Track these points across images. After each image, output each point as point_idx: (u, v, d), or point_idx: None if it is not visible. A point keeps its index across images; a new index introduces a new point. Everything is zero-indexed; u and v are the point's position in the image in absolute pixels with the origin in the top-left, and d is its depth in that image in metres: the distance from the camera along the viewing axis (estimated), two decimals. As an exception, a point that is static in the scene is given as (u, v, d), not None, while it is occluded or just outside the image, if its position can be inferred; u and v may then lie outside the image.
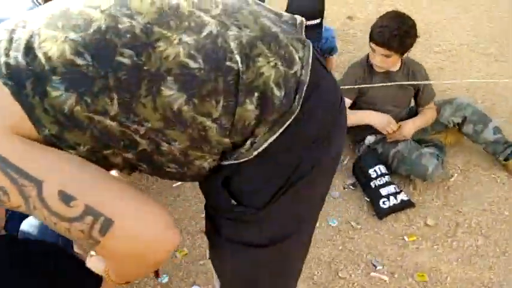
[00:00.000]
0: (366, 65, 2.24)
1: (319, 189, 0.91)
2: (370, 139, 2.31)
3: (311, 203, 0.91)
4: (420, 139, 2.37)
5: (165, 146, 0.71)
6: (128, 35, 0.66)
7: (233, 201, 0.79)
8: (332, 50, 2.55)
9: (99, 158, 0.71)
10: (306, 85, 0.76)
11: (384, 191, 2.09)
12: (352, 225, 2.02)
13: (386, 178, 2.12)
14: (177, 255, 1.87)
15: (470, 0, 4.10)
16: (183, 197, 2.16)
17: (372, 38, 2.09)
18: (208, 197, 0.86)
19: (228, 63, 0.70)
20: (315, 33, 2.23)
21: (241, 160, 0.75)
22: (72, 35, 0.65)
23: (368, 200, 2.13)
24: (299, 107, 0.75)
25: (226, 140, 0.73)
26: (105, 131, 0.67)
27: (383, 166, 2.17)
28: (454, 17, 3.86)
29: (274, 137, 0.74)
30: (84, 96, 0.65)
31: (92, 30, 0.66)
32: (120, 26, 0.67)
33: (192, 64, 0.68)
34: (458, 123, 2.30)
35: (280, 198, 0.79)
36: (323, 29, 2.41)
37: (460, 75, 3.05)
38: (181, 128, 0.69)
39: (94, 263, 0.94)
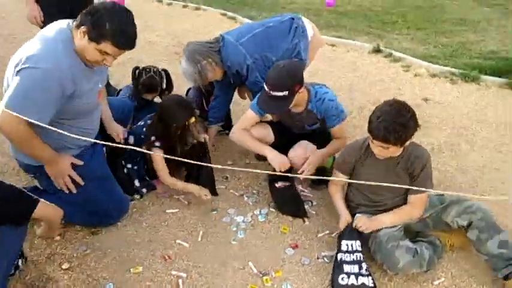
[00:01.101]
0: (366, 145, 2.17)
1: None
2: (358, 216, 2.22)
3: None
4: (418, 232, 2.21)
5: None
6: None
7: None
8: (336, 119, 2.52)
9: None
10: None
11: (346, 268, 1.98)
12: (302, 296, 1.96)
13: (356, 256, 2.01)
14: (131, 270, 2.05)
15: None
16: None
17: (368, 130, 1.98)
18: None
19: None
20: (279, 103, 2.30)
21: None
22: None
23: (332, 274, 2.04)
24: None
25: None
26: None
27: (359, 244, 2.06)
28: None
29: None
30: None
31: None
32: None
33: None
34: (463, 226, 2.09)
35: None
36: (323, 99, 2.48)
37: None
38: None
39: None
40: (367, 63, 4.83)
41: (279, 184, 2.48)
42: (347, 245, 2.06)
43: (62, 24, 2.02)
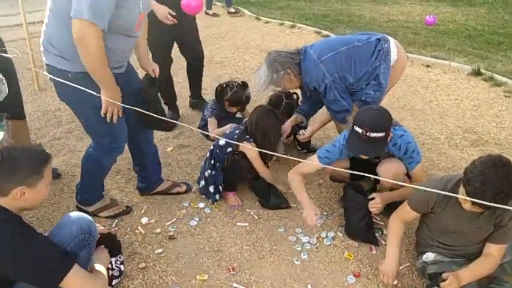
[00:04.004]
0: (449, 188, 1.96)
1: None
2: (428, 256, 2.13)
3: None
4: (494, 277, 2.04)
5: None
6: None
7: None
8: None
9: None
10: None
11: None
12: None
13: None
14: (197, 277, 2.20)
15: None
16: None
17: (468, 193, 1.75)
18: None
19: None
20: (377, 145, 2.21)
21: None
22: None
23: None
24: None
25: None
26: None
27: None
28: None
29: None
30: None
31: None
32: None
33: None
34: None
35: None
36: (399, 144, 2.34)
37: None
38: None
39: None
40: (463, 87, 4.56)
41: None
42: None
43: None
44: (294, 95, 3.35)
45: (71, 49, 1.99)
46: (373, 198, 2.40)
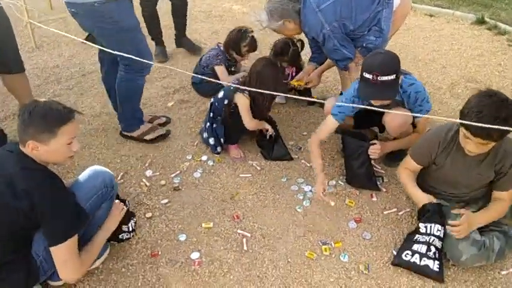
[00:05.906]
0: (450, 137, 2.03)
1: None
2: None
3: None
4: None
5: None
6: None
7: None
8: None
9: None
10: None
11: (415, 246, 1.98)
12: (359, 268, 2.01)
13: (429, 238, 1.97)
14: (203, 225, 2.26)
15: None
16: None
17: (466, 127, 1.79)
18: None
19: None
20: (390, 88, 2.18)
21: None
22: None
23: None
24: None
25: None
26: None
27: (439, 228, 1.98)
28: None
29: None
30: None
31: None
32: None
33: None
34: (542, 219, 1.95)
35: None
36: (408, 92, 2.33)
37: None
38: None
39: None
40: (467, 36, 4.49)
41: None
42: (425, 227, 2.01)
43: None
44: (299, 42, 3.31)
45: None
46: (374, 144, 2.42)
